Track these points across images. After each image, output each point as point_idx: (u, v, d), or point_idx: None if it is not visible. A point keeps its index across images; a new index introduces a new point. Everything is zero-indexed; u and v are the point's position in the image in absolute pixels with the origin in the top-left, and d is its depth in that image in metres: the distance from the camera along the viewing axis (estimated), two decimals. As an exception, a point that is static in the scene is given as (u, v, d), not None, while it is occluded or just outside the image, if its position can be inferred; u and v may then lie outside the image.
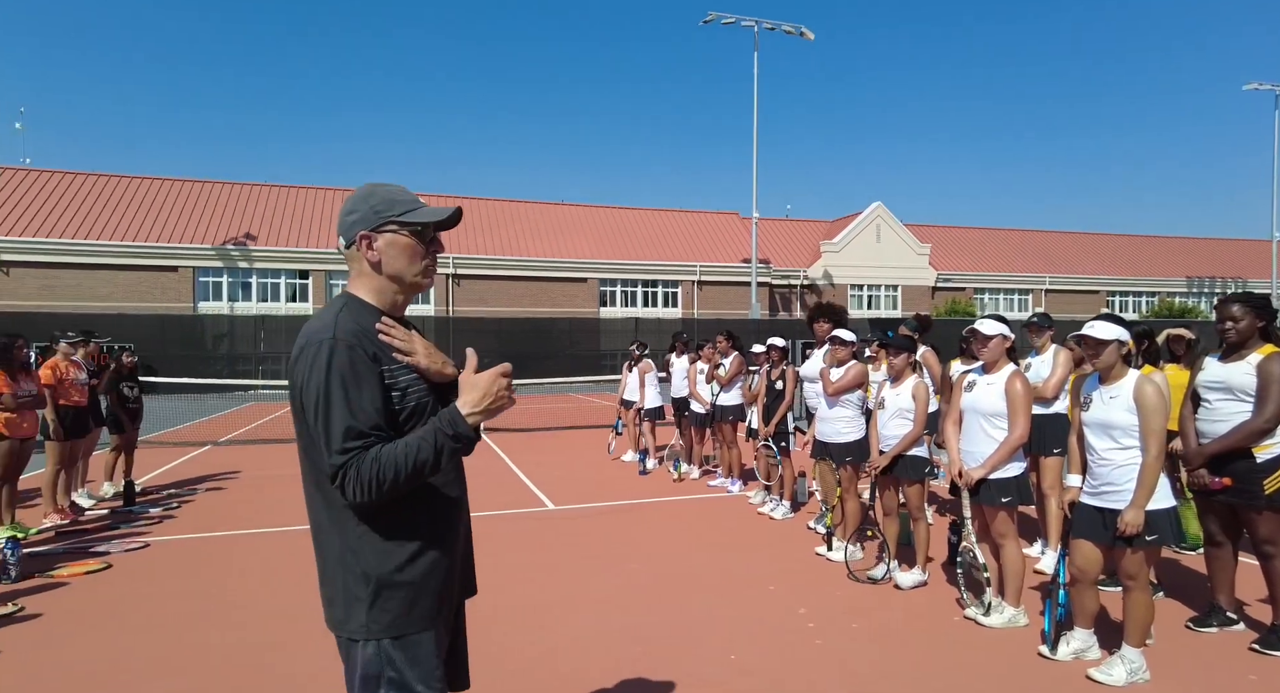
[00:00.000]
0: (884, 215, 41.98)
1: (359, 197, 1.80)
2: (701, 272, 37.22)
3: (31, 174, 31.89)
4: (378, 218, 1.77)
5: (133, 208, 31.79)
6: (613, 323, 29.61)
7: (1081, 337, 3.56)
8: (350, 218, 1.78)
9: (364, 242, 1.77)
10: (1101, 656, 3.66)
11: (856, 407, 5.51)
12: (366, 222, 1.77)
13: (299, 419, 1.71)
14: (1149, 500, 3.37)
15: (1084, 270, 45.79)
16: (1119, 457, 3.46)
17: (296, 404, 1.70)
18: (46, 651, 3.94)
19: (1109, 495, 3.48)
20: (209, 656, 3.87)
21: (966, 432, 4.24)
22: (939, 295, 42.24)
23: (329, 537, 1.72)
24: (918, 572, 4.81)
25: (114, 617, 4.43)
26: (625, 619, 4.31)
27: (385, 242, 1.77)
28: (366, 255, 1.77)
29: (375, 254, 1.77)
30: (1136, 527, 3.34)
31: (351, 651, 1.72)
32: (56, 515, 6.79)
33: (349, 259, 1.81)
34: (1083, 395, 3.69)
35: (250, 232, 32.12)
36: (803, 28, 31.42)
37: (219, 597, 4.78)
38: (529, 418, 15.86)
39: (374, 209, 1.77)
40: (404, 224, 1.77)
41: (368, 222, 1.77)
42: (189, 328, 25.66)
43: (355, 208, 1.78)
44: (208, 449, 11.76)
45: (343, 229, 1.79)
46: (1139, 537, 3.37)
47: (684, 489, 8.18)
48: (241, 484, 8.72)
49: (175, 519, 6.96)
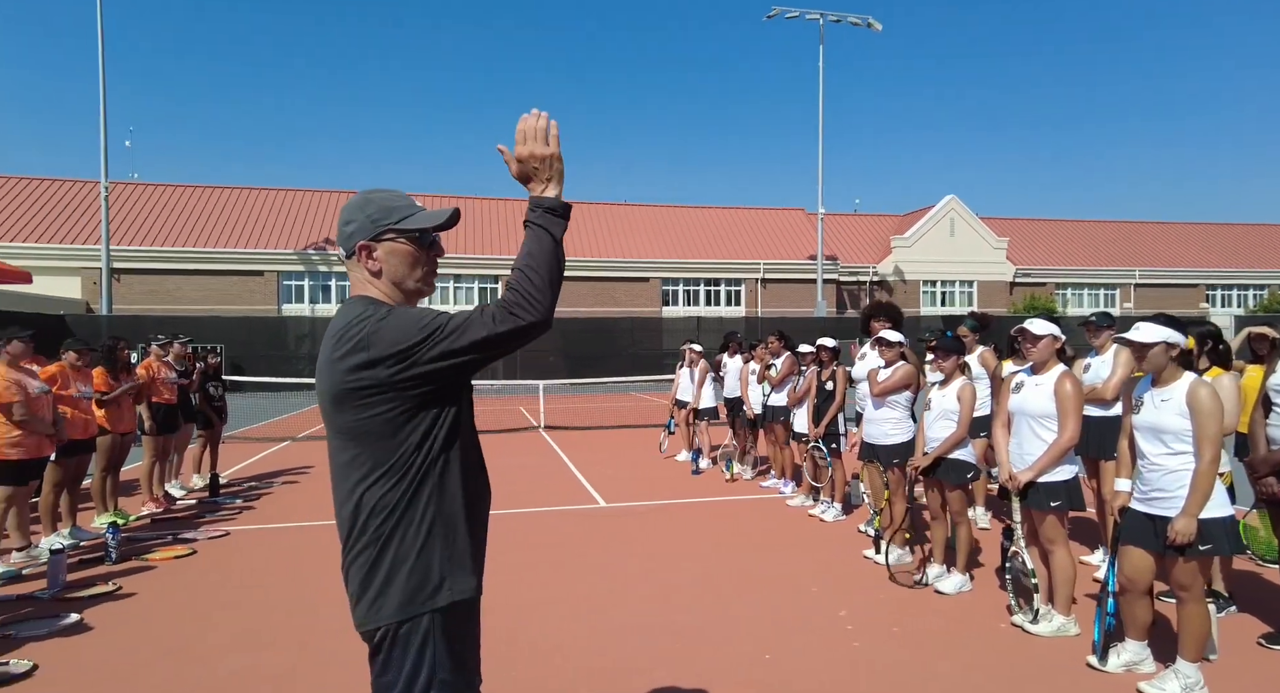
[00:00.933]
0: (958, 208, 40.51)
1: (355, 206, 1.78)
2: (765, 269, 36.81)
3: (138, 188, 34.41)
4: (375, 227, 1.74)
5: (224, 216, 33.88)
6: (675, 322, 29.66)
7: (1127, 341, 3.45)
8: (348, 229, 1.76)
9: (363, 252, 1.75)
10: (1156, 669, 3.52)
11: (905, 408, 5.43)
12: (364, 231, 1.75)
13: (328, 409, 1.70)
14: (1202, 509, 3.23)
15: (1179, 263, 42.95)
16: (1170, 462, 3.33)
17: (329, 390, 1.68)
18: (138, 626, 4.33)
19: (1159, 502, 3.35)
20: (282, 636, 4.17)
21: (1015, 434, 4.14)
22: (1017, 291, 40.48)
23: (367, 527, 1.71)
24: (961, 577, 4.71)
25: (197, 598, 4.81)
26: (666, 616, 4.40)
27: (385, 250, 1.75)
28: (367, 265, 1.76)
29: (376, 263, 1.76)
30: (1187, 536, 3.21)
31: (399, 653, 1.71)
32: (152, 504, 7.38)
33: (350, 269, 1.80)
34: (1134, 398, 3.56)
35: (329, 236, 33.70)
36: (870, 18, 30.71)
37: (292, 583, 5.12)
38: (588, 417, 16.12)
39: (371, 218, 1.75)
40: (402, 231, 1.75)
41: (366, 231, 1.75)
42: (273, 329, 27.14)
43: (352, 218, 1.76)
44: (286, 445, 12.46)
45: (341, 240, 1.78)
46: (1191, 546, 3.23)
47: (736, 490, 8.19)
48: (314, 479, 9.23)
49: (254, 510, 7.45)
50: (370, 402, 1.65)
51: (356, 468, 1.69)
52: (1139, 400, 3.50)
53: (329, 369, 1.69)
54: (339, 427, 1.71)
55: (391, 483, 1.68)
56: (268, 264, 32.15)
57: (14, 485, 5.37)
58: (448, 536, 1.72)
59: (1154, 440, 3.39)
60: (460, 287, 34.64)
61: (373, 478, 1.68)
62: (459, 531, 1.73)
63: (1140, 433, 3.46)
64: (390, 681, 1.69)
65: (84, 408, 6.26)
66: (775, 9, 30.09)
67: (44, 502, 6.06)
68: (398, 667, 1.68)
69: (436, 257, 1.83)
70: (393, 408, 1.66)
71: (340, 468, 1.73)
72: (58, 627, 4.26)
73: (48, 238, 30.26)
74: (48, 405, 5.61)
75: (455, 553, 1.73)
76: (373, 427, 1.66)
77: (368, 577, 1.69)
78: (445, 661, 1.70)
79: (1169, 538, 3.26)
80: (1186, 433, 3.29)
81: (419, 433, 1.69)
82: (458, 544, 1.73)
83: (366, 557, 1.69)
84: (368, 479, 1.68)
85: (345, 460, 1.72)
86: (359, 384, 1.64)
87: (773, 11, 30.15)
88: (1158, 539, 3.34)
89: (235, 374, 20.09)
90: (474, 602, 1.80)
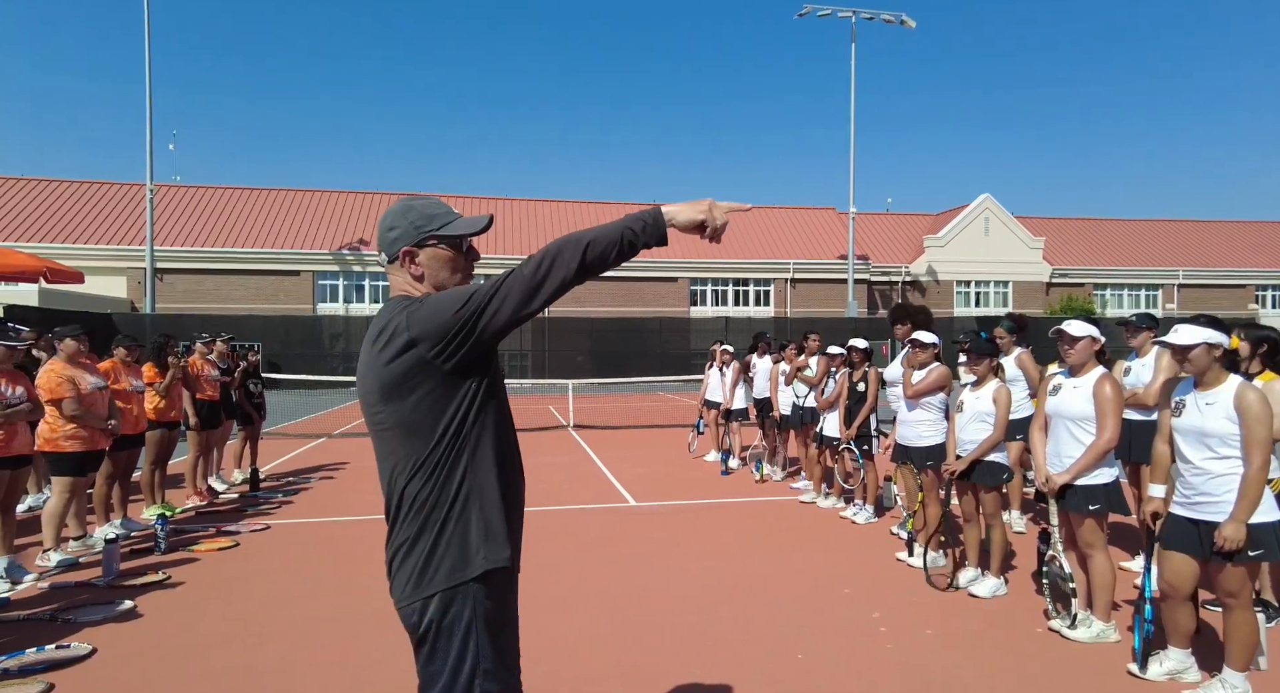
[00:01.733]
0: (993, 207, 39.83)
1: (397, 212, 1.87)
2: (795, 269, 36.59)
3: (181, 190, 35.40)
4: (419, 233, 1.83)
5: (262, 217, 34.69)
6: (703, 322, 29.66)
7: (1167, 344, 3.39)
8: (391, 234, 1.85)
9: (407, 257, 1.84)
10: (1201, 678, 3.47)
11: (939, 410, 5.39)
12: (408, 237, 1.83)
13: (373, 401, 1.77)
14: (1251, 514, 3.18)
15: (1226, 262, 41.69)
16: (1217, 467, 3.27)
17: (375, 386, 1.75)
18: (184, 614, 4.50)
19: (1205, 507, 3.29)
20: (320, 625, 4.30)
21: (1053, 437, 4.10)
22: (1054, 292, 39.68)
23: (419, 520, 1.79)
24: (996, 580, 4.67)
25: (240, 589, 4.98)
26: (697, 615, 4.44)
27: (427, 255, 1.84)
28: (410, 269, 1.85)
29: (418, 268, 1.85)
30: (1237, 542, 3.15)
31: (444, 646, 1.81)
32: (196, 498, 7.63)
33: (391, 272, 1.89)
34: (1174, 400, 3.50)
35: (363, 237, 34.32)
36: (903, 16, 30.36)
37: (330, 574, 5.26)
38: (617, 416, 16.21)
39: (414, 225, 1.84)
40: (443, 237, 1.84)
41: (409, 237, 1.83)
42: (309, 328, 27.74)
43: (395, 224, 1.85)
44: (323, 441, 12.74)
45: (384, 245, 1.87)
46: (1240, 552, 3.18)
47: (766, 490, 8.19)
48: (350, 474, 9.44)
49: (293, 504, 7.65)
50: (417, 383, 1.72)
51: (400, 456, 1.78)
52: (1180, 403, 3.44)
53: (374, 364, 1.76)
54: (386, 419, 1.78)
55: (432, 467, 1.76)
56: (304, 264, 32.85)
57: (74, 476, 5.58)
58: (483, 509, 1.80)
59: (1198, 445, 3.33)
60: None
61: (415, 463, 1.76)
62: (494, 504, 1.81)
63: (1183, 437, 3.40)
64: (437, 669, 1.77)
65: (135, 402, 6.50)
66: (807, 7, 29.90)
67: (97, 493, 6.30)
68: (444, 655, 1.76)
69: (473, 261, 1.93)
70: (435, 386, 1.73)
71: (384, 456, 1.82)
72: (114, 613, 4.44)
73: (95, 239, 31.31)
74: (103, 401, 5.82)
75: (490, 526, 1.80)
76: (420, 412, 1.74)
77: (408, 555, 1.77)
78: (488, 650, 1.78)
79: (1217, 544, 3.20)
80: (1234, 437, 3.24)
81: (459, 413, 1.76)
82: (492, 518, 1.81)
83: (408, 536, 1.77)
84: (409, 465, 1.77)
85: (389, 449, 1.80)
86: (404, 367, 1.71)
87: (804, 9, 29.96)
88: (1203, 545, 3.29)
89: (272, 372, 20.55)
90: (511, 577, 1.87)
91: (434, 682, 1.78)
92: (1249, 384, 3.31)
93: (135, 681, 3.62)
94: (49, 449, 5.48)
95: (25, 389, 5.11)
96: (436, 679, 1.78)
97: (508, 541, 1.83)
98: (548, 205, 39.17)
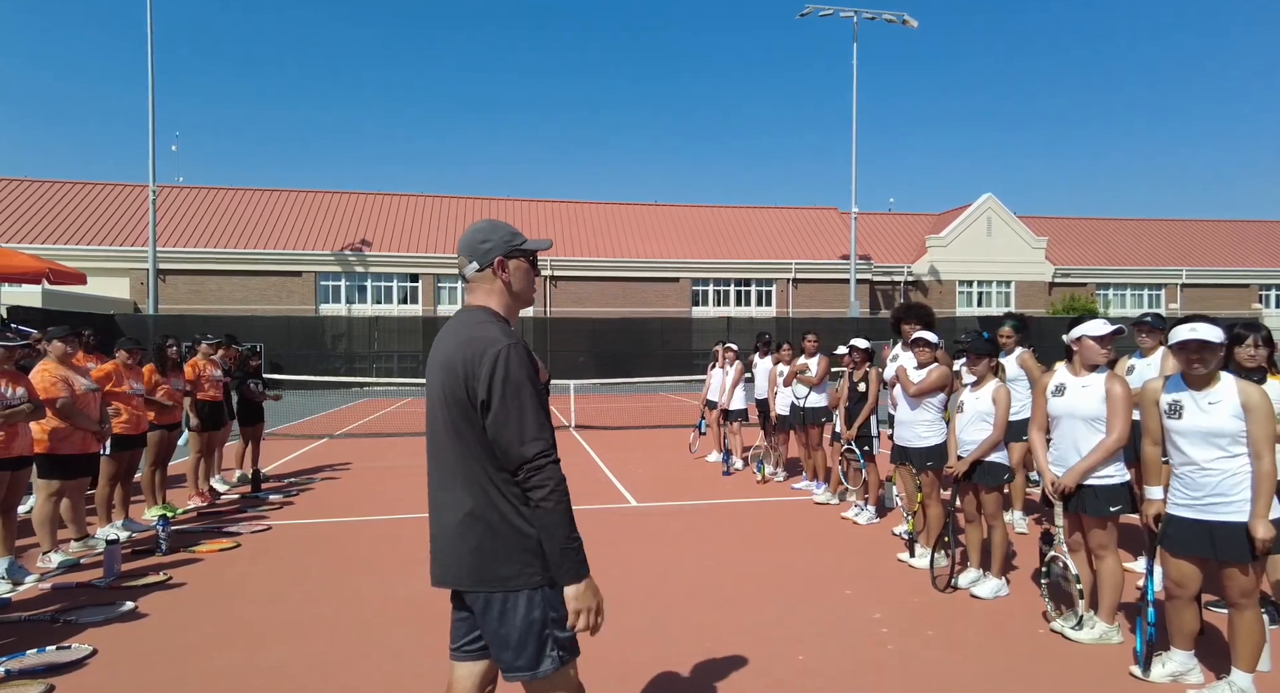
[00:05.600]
0: (995, 207, 39.76)
1: (487, 228, 2.18)
2: (797, 269, 36.56)
3: (183, 191, 35.45)
4: (508, 247, 2.16)
5: (264, 218, 34.73)
6: (705, 323, 29.63)
7: (1188, 342, 3.26)
8: (485, 246, 2.15)
9: (500, 266, 2.15)
10: (1205, 680, 3.45)
11: (938, 410, 5.38)
12: (501, 249, 2.16)
13: (461, 406, 2.02)
14: (1269, 510, 3.16)
15: (1229, 262, 41.59)
16: (1229, 466, 3.23)
17: (464, 393, 2.01)
18: (189, 615, 4.50)
19: (1218, 508, 3.24)
20: (321, 626, 4.30)
21: (1063, 438, 4.02)
22: (1056, 291, 39.60)
23: (492, 506, 2.02)
24: (998, 581, 4.66)
25: (242, 589, 4.98)
26: (698, 615, 4.43)
27: (514, 266, 2.18)
28: (500, 277, 2.16)
29: (508, 276, 2.17)
30: (1269, 542, 3.13)
31: (513, 602, 2.02)
32: (198, 498, 7.63)
33: (478, 279, 2.17)
34: (1165, 402, 3.45)
35: (365, 238, 34.34)
36: (905, 15, 30.30)
37: (331, 575, 5.26)
38: (619, 417, 16.20)
39: (504, 240, 2.16)
40: (525, 252, 2.20)
41: (501, 249, 2.16)
42: (311, 329, 27.75)
43: (488, 237, 2.16)
44: (324, 442, 12.75)
45: (477, 255, 2.15)
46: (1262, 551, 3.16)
47: (768, 491, 8.18)
48: (353, 475, 9.45)
49: (295, 505, 7.66)
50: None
51: (467, 452, 2.03)
52: (1176, 404, 3.38)
53: (467, 373, 2.00)
54: (454, 415, 2.04)
55: (485, 470, 2.02)
56: (306, 265, 32.88)
57: (62, 479, 5.53)
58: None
59: (1206, 445, 3.28)
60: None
61: (474, 463, 2.02)
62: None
63: (1186, 438, 3.35)
64: (507, 625, 2.02)
65: (136, 404, 6.51)
66: (809, 7, 29.85)
67: (99, 494, 6.30)
68: (512, 613, 2.02)
69: (535, 275, 2.30)
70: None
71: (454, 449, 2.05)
72: (115, 614, 4.45)
73: (98, 240, 31.35)
74: (95, 403, 5.81)
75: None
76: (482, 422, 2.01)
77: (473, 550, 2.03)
78: (555, 599, 2.04)
79: (1257, 546, 3.16)
80: (1243, 434, 3.21)
81: None
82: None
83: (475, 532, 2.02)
84: (473, 463, 2.02)
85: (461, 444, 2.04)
86: (459, 387, 2.03)
87: (806, 9, 29.92)
88: (1214, 546, 3.25)
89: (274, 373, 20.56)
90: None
91: None
92: (1246, 381, 3.29)
93: (136, 682, 3.62)
94: (41, 451, 5.43)
95: (26, 390, 5.11)
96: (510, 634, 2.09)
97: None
98: (549, 206, 39.18)
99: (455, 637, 2.18)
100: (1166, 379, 3.53)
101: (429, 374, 2.16)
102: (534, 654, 2.02)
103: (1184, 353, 3.33)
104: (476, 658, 2.16)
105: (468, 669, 2.16)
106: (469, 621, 2.14)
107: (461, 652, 2.17)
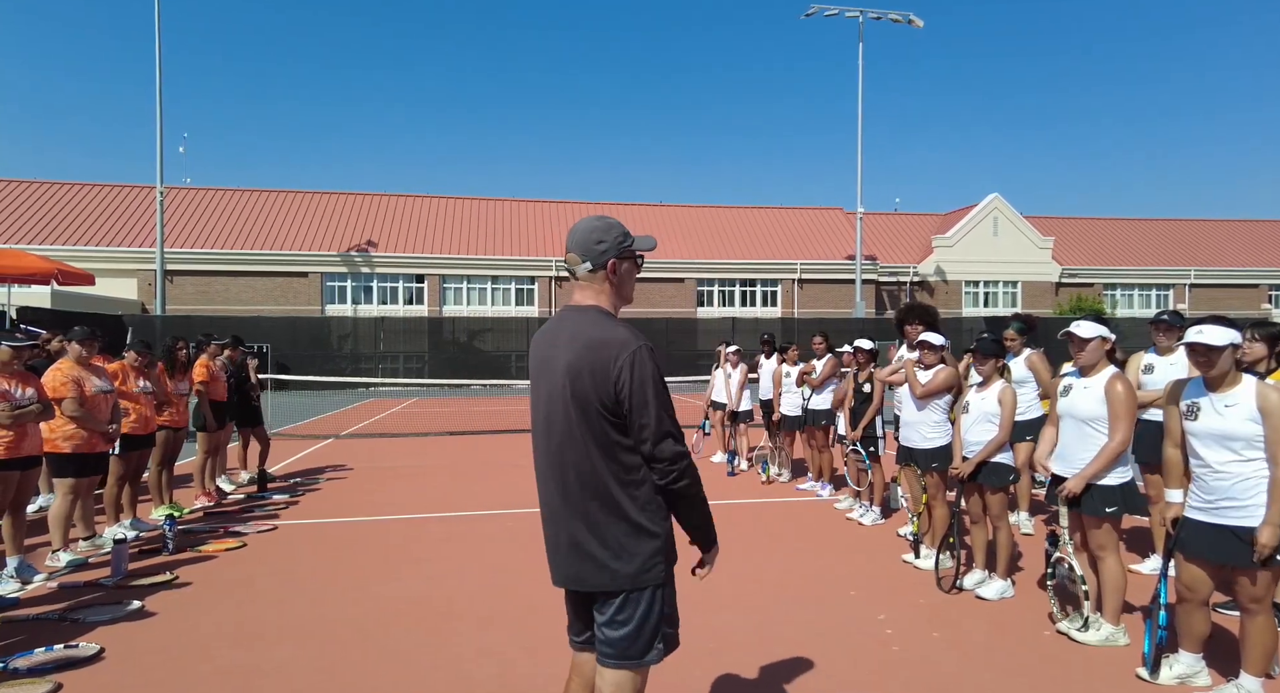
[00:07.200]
0: (1001, 207, 39.66)
1: (601, 228, 2.23)
2: (802, 269, 36.52)
3: (191, 192, 35.63)
4: (620, 248, 2.22)
5: (271, 219, 34.88)
6: (710, 323, 29.63)
7: (1194, 344, 3.27)
8: (600, 246, 2.20)
9: (613, 266, 2.21)
10: (1212, 683, 3.43)
11: (943, 411, 5.36)
12: (614, 250, 2.21)
13: (592, 409, 2.08)
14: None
15: (1238, 262, 41.34)
16: (1244, 469, 3.20)
17: (595, 396, 2.07)
18: (194, 614, 4.52)
19: (1231, 512, 3.22)
20: (329, 626, 4.31)
21: (1064, 439, 4.05)
22: (1063, 292, 39.46)
23: (619, 507, 2.11)
24: (1003, 582, 4.65)
25: (248, 589, 5.00)
26: (702, 617, 4.42)
27: (625, 266, 2.25)
28: (611, 278, 2.22)
29: (618, 276, 2.23)
30: (1274, 548, 3.11)
31: (636, 598, 2.14)
32: (205, 498, 7.67)
33: (588, 279, 2.22)
34: (1184, 404, 3.45)
35: (371, 239, 34.44)
36: (911, 15, 30.28)
37: (337, 575, 5.28)
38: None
39: (617, 241, 2.22)
40: (635, 253, 2.27)
41: (615, 250, 2.21)
42: (317, 329, 27.86)
43: (603, 238, 2.21)
44: (330, 442, 12.79)
45: (592, 255, 2.20)
46: (1272, 557, 3.14)
47: (772, 492, 8.17)
48: (358, 475, 9.48)
49: (300, 505, 7.69)
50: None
51: (594, 452, 2.11)
52: (1195, 406, 3.36)
53: (601, 376, 2.07)
54: (577, 415, 2.10)
55: (613, 471, 2.13)
56: (312, 266, 33.01)
57: (75, 478, 5.59)
58: (663, 523, 2.22)
59: (1220, 448, 3.26)
60: (498, 288, 35.09)
61: (602, 463, 2.11)
62: (667, 523, 2.25)
63: (1201, 441, 3.33)
64: (625, 618, 2.15)
65: (144, 404, 6.54)
66: (814, 7, 29.84)
67: (108, 494, 6.34)
68: (632, 608, 2.14)
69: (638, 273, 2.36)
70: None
71: (580, 452, 2.12)
72: (122, 613, 4.48)
73: (106, 241, 31.54)
74: (107, 404, 5.84)
75: (667, 542, 2.22)
76: (609, 421, 2.10)
77: (598, 549, 2.13)
78: (671, 597, 2.22)
79: (1257, 553, 3.14)
80: (1259, 438, 3.18)
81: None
82: (668, 534, 2.23)
83: (601, 533, 2.13)
84: (601, 463, 2.11)
85: (588, 444, 2.12)
86: (588, 388, 2.10)
87: (811, 9, 29.90)
88: (1227, 551, 3.23)
89: (280, 373, 20.67)
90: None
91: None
92: (1267, 384, 3.25)
93: (143, 680, 3.64)
94: (49, 450, 5.47)
95: (35, 390, 5.14)
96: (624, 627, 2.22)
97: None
98: (553, 206, 39.22)
99: (577, 630, 2.34)
100: (1189, 381, 3.51)
101: (541, 377, 2.21)
102: (645, 645, 2.16)
103: (1192, 356, 3.35)
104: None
105: (589, 657, 2.32)
106: (587, 615, 2.27)
107: (585, 643, 2.33)
